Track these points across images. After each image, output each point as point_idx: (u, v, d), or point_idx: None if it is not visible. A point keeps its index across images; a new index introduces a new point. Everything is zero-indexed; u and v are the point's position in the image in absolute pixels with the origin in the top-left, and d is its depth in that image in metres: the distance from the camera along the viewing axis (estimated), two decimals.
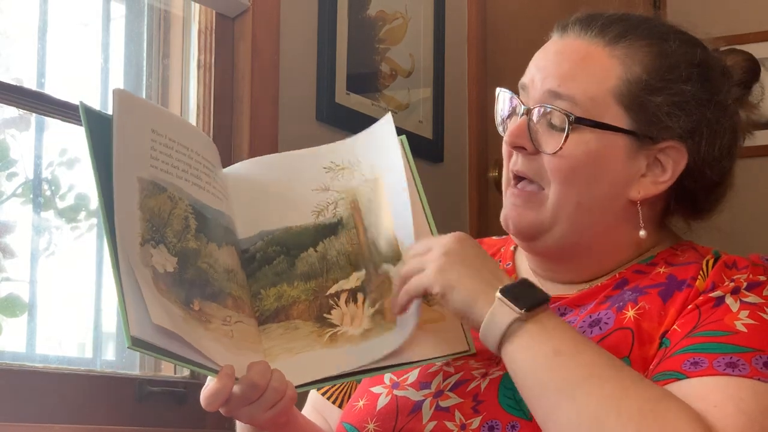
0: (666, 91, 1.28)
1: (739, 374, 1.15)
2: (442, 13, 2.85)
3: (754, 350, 1.17)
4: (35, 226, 1.96)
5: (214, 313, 1.21)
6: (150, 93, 2.19)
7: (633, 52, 1.29)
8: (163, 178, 1.21)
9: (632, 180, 1.29)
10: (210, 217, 1.24)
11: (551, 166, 1.28)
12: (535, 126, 1.29)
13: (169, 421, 1.94)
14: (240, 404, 1.18)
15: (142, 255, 1.16)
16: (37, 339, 1.93)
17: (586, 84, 1.27)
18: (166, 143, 1.22)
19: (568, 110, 1.26)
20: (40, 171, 1.98)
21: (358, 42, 2.57)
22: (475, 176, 2.92)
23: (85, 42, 2.11)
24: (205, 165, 1.26)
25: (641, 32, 1.30)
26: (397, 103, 2.69)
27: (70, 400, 1.87)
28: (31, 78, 1.97)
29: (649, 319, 1.24)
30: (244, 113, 2.26)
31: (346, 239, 1.29)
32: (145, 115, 1.22)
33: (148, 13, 2.21)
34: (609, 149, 1.28)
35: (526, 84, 1.32)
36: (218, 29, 2.27)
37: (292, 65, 2.38)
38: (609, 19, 1.31)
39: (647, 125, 1.28)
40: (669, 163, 1.29)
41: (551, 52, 1.32)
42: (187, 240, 1.21)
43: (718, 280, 1.25)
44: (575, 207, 1.28)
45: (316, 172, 1.32)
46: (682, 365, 1.17)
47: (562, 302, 1.31)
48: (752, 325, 1.19)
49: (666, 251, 1.33)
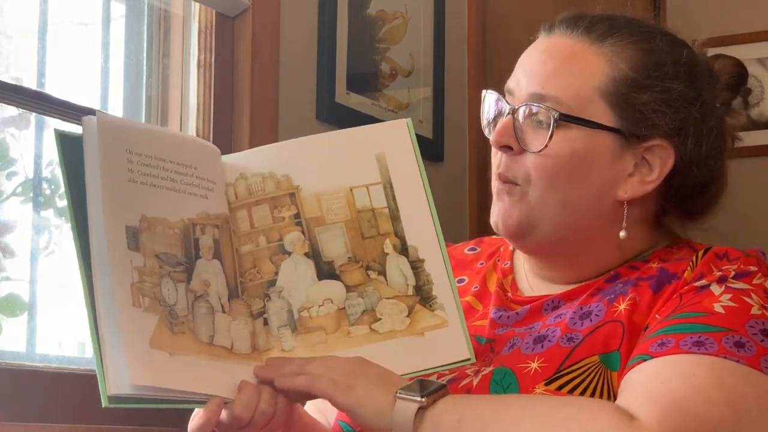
0: (652, 89, 1.28)
1: (705, 352, 1.13)
2: (442, 13, 2.85)
3: (727, 330, 1.16)
4: (35, 225, 1.96)
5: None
6: (150, 92, 2.19)
7: (619, 49, 1.29)
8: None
9: (619, 179, 1.29)
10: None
11: (536, 164, 1.27)
12: (521, 125, 1.29)
13: (170, 420, 1.94)
14: (230, 430, 1.18)
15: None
16: (37, 338, 1.93)
17: (571, 82, 1.27)
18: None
19: (554, 108, 1.26)
20: (40, 170, 1.98)
21: (358, 41, 2.57)
22: (475, 176, 2.92)
23: (85, 41, 2.11)
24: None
25: (627, 31, 1.30)
26: (397, 103, 2.69)
27: (70, 400, 1.87)
28: (32, 77, 1.97)
29: (639, 312, 1.24)
30: (244, 113, 2.26)
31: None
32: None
33: (148, 12, 2.21)
34: (595, 148, 1.27)
35: (511, 88, 1.32)
36: (218, 29, 2.27)
37: (292, 65, 2.38)
38: (595, 18, 1.31)
39: (634, 123, 1.27)
40: (656, 162, 1.28)
41: (537, 51, 1.32)
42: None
43: (706, 270, 1.24)
44: (561, 206, 1.28)
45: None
46: (650, 347, 1.16)
47: (556, 296, 1.32)
48: (731, 307, 1.18)
49: (662, 250, 1.33)
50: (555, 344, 1.24)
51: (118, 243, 1.14)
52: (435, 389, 1.16)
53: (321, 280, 1.26)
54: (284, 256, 1.26)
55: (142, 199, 1.18)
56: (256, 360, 1.22)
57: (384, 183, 1.28)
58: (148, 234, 1.17)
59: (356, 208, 1.27)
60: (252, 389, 1.18)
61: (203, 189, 1.24)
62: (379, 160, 1.28)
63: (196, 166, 1.24)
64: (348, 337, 1.24)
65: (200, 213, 1.23)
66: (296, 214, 1.27)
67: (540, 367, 1.23)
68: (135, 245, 1.16)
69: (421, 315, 1.24)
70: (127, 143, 1.18)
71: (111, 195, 1.15)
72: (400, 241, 1.26)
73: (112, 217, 1.15)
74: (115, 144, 1.17)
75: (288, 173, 1.28)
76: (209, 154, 1.28)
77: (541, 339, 1.26)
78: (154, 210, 1.18)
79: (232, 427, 1.18)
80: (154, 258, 1.17)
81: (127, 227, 1.16)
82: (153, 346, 1.13)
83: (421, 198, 1.27)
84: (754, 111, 3.39)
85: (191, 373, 1.15)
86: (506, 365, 1.25)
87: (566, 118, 1.26)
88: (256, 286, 1.25)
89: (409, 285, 1.26)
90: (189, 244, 1.20)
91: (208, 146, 1.29)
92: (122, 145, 1.18)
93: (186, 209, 1.22)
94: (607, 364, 1.21)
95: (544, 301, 1.32)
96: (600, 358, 1.21)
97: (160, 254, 1.17)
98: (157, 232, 1.18)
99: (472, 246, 1.49)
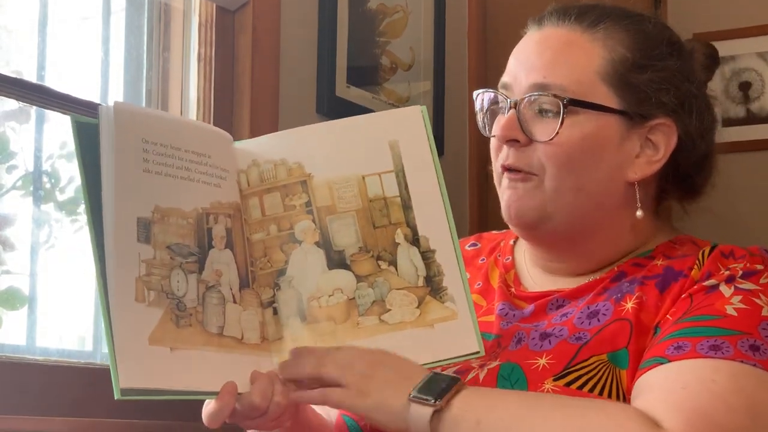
0: (651, 68, 1.29)
1: (722, 356, 1.14)
2: (442, 7, 2.85)
3: (741, 333, 1.16)
4: (35, 218, 1.96)
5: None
6: (150, 86, 2.19)
7: (613, 33, 1.30)
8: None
9: (628, 161, 1.29)
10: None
11: (547, 153, 1.27)
12: (525, 116, 1.28)
13: (170, 413, 1.94)
14: (242, 419, 1.18)
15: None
16: (37, 332, 1.93)
17: (572, 69, 1.28)
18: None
19: (560, 95, 1.26)
20: (40, 164, 1.98)
21: (359, 35, 2.57)
22: (475, 170, 2.92)
23: (86, 35, 2.11)
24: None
25: (617, 16, 1.32)
26: (398, 97, 2.69)
27: (71, 394, 1.87)
28: (32, 71, 1.97)
29: (647, 310, 1.24)
30: (244, 106, 2.26)
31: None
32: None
33: (148, 6, 2.20)
34: (603, 131, 1.28)
35: (508, 83, 1.32)
36: (218, 22, 2.27)
37: (292, 58, 2.37)
38: (584, 8, 1.32)
39: (637, 103, 1.28)
40: (661, 141, 1.30)
41: (531, 42, 1.32)
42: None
43: (714, 269, 1.25)
44: (575, 193, 1.28)
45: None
46: (666, 350, 1.17)
47: (560, 294, 1.31)
48: (743, 309, 1.19)
49: (664, 244, 1.33)
50: (563, 341, 1.24)
51: (127, 236, 1.14)
52: (449, 386, 1.15)
53: (331, 269, 1.25)
54: (295, 245, 1.25)
55: (157, 189, 1.17)
56: (265, 350, 1.21)
57: (396, 171, 1.26)
58: (161, 225, 1.17)
59: (368, 197, 1.26)
60: (266, 379, 1.18)
61: (216, 178, 1.23)
62: (392, 147, 1.27)
63: (210, 155, 1.23)
64: (357, 327, 1.23)
65: (213, 202, 1.22)
66: (307, 203, 1.26)
67: (548, 363, 1.22)
68: (146, 237, 1.15)
69: (431, 306, 1.23)
70: (143, 132, 1.17)
71: (124, 186, 1.15)
72: (411, 231, 1.25)
73: (124, 209, 1.15)
74: (131, 133, 1.17)
75: (300, 161, 1.27)
76: (223, 142, 1.27)
77: (548, 335, 1.26)
78: (169, 200, 1.18)
79: (247, 417, 1.17)
80: (165, 250, 1.17)
81: (138, 219, 1.15)
82: (152, 342, 1.13)
83: (434, 187, 1.26)
84: (755, 105, 3.39)
85: (193, 368, 1.15)
86: (513, 360, 1.25)
87: (575, 103, 1.26)
88: (266, 275, 1.24)
89: (419, 276, 1.25)
90: (202, 234, 1.20)
91: (222, 134, 1.28)
92: (138, 134, 1.17)
93: (200, 198, 1.21)
94: (615, 362, 1.21)
95: (549, 300, 1.32)
96: (608, 357, 1.21)
97: (172, 245, 1.17)
98: (171, 222, 1.18)
99: (473, 242, 1.49)
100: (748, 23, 3.40)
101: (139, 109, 1.42)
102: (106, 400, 1.93)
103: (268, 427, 1.20)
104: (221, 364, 1.17)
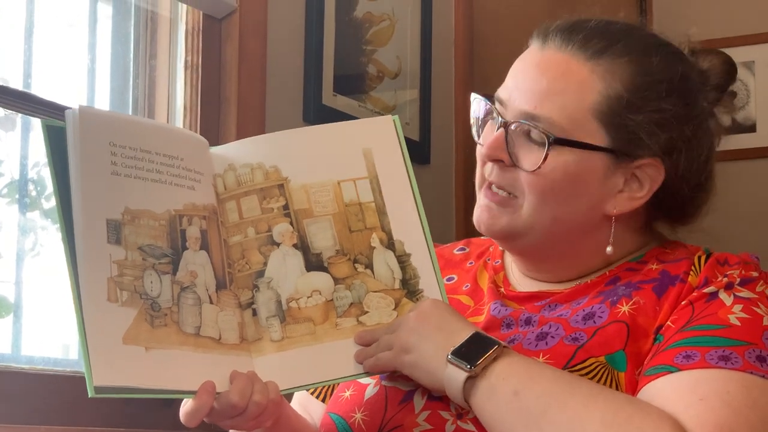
0: (646, 109, 1.27)
1: (732, 367, 1.15)
2: (429, 15, 2.85)
3: (747, 344, 1.18)
4: (21, 226, 1.96)
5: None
6: (137, 94, 2.19)
7: (614, 68, 1.27)
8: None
9: (609, 196, 1.29)
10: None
11: (528, 181, 1.27)
12: (513, 139, 1.28)
13: (156, 422, 1.94)
14: (221, 418, 1.18)
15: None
16: (23, 340, 1.93)
17: (565, 102, 1.26)
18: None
19: (548, 130, 1.26)
20: (26, 171, 1.98)
21: (345, 43, 2.57)
22: (461, 178, 2.93)
23: (72, 42, 2.11)
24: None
25: (623, 47, 1.29)
26: (384, 105, 2.70)
27: (56, 402, 1.87)
28: (18, 78, 1.97)
29: (644, 314, 1.25)
30: (231, 114, 2.26)
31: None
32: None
33: (135, 13, 2.20)
34: (587, 168, 1.27)
35: (504, 99, 1.31)
36: (205, 30, 2.27)
37: (279, 66, 2.38)
38: (591, 32, 1.29)
39: (626, 143, 1.27)
40: (646, 179, 1.29)
41: (531, 64, 1.31)
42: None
43: (711, 276, 1.25)
44: (551, 221, 1.29)
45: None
46: (675, 359, 1.18)
47: (553, 299, 1.32)
48: (746, 319, 1.20)
49: (655, 249, 1.34)
50: (559, 341, 1.25)
51: (97, 237, 1.15)
52: (488, 350, 1.17)
53: (309, 271, 1.26)
54: (273, 247, 1.26)
55: (126, 191, 1.18)
56: (244, 350, 1.22)
57: (371, 178, 1.28)
58: (132, 227, 1.17)
59: (344, 202, 1.28)
60: (245, 378, 1.18)
61: (190, 180, 1.24)
62: (366, 155, 1.29)
63: (183, 157, 1.24)
64: (336, 328, 1.24)
65: (187, 204, 1.23)
66: (285, 206, 1.27)
67: (546, 362, 1.23)
68: (116, 239, 1.16)
69: (407, 308, 1.25)
70: (111, 136, 1.18)
71: (91, 189, 1.16)
72: (386, 235, 1.27)
73: (92, 210, 1.15)
74: (98, 137, 1.18)
75: (277, 164, 1.28)
76: (197, 145, 1.28)
77: (544, 336, 1.27)
78: (139, 202, 1.19)
79: (226, 416, 1.17)
80: (137, 251, 1.17)
81: (108, 221, 1.16)
82: (127, 341, 1.13)
83: (408, 194, 1.28)
84: (740, 114, 3.40)
85: (170, 367, 1.16)
86: None
87: (561, 142, 1.26)
88: (244, 277, 1.25)
89: (395, 279, 1.27)
90: (175, 236, 1.21)
91: (196, 137, 1.29)
92: (105, 137, 1.18)
93: (172, 200, 1.22)
94: (613, 365, 1.22)
95: (541, 300, 1.33)
96: (606, 359, 1.22)
97: (144, 246, 1.18)
98: (142, 224, 1.18)
99: (461, 246, 1.49)
100: (732, 33, 3.42)
101: (105, 112, 1.44)
102: (92, 409, 1.93)
103: (247, 426, 1.20)
104: (199, 363, 1.18)
